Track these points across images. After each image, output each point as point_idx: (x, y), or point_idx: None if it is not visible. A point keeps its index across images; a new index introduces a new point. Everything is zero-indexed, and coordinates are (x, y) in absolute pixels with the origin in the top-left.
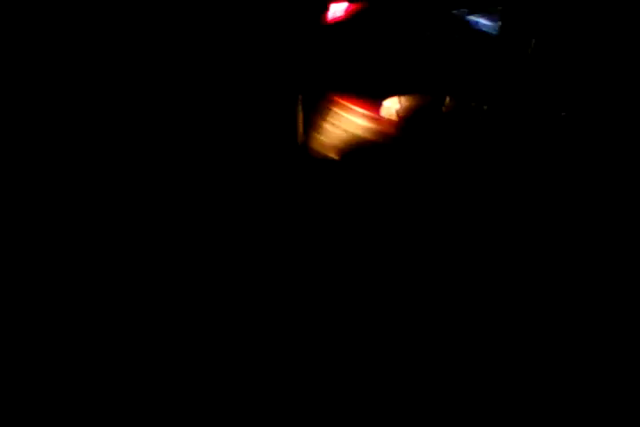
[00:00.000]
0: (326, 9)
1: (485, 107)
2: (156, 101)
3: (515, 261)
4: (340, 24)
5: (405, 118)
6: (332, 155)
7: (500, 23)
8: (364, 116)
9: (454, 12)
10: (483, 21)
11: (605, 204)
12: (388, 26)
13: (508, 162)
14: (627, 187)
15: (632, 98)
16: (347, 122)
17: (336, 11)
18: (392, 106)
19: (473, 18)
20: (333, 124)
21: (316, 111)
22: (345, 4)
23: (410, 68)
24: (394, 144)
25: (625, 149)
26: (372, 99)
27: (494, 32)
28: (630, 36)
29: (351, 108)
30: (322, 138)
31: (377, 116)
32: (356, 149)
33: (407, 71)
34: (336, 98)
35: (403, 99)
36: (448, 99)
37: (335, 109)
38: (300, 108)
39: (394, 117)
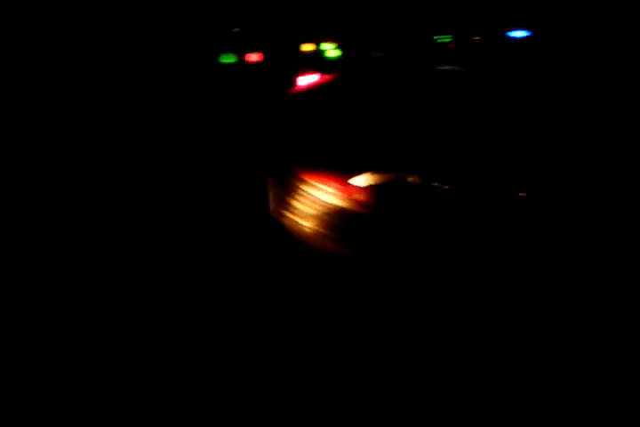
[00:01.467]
0: (293, 83)
1: (447, 187)
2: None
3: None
4: (306, 95)
5: (373, 189)
6: (307, 225)
7: None
8: (334, 187)
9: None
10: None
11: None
12: (357, 97)
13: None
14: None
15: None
16: (316, 196)
17: (305, 82)
18: (360, 181)
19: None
20: (302, 201)
21: (287, 186)
22: (316, 76)
23: (377, 141)
24: (363, 217)
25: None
26: (340, 173)
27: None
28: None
29: (322, 182)
30: (293, 213)
31: (345, 189)
32: (327, 222)
33: (374, 145)
34: (303, 175)
35: (370, 175)
36: (412, 177)
37: (302, 186)
38: (270, 186)
39: (362, 188)
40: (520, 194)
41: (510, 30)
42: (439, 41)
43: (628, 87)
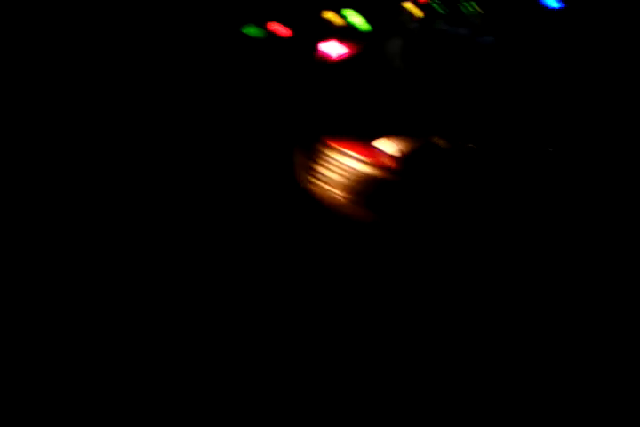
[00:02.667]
0: (317, 49)
1: (474, 146)
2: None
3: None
4: (333, 66)
5: (400, 156)
6: (334, 195)
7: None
8: (358, 157)
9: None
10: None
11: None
12: (380, 67)
13: (500, 194)
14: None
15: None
16: (344, 163)
17: (328, 50)
18: (386, 145)
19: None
20: (329, 167)
21: (314, 153)
22: (336, 44)
23: (400, 108)
24: (391, 179)
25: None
26: (366, 139)
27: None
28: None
29: (349, 149)
30: (320, 180)
31: (372, 156)
32: (356, 188)
33: (398, 111)
34: (330, 141)
35: (396, 139)
36: (438, 140)
37: (329, 153)
38: (297, 154)
39: (388, 155)
40: (548, 149)
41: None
42: (466, 10)
43: None
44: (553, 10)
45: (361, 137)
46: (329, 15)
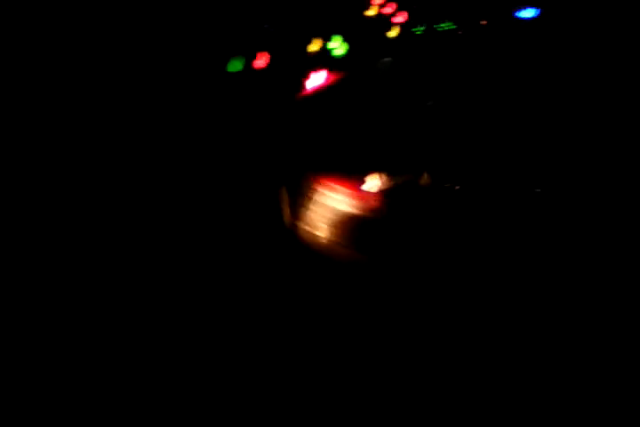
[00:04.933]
0: (301, 85)
1: (457, 187)
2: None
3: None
4: (316, 97)
5: (387, 192)
6: (321, 234)
7: None
8: (346, 193)
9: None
10: None
11: None
12: (367, 97)
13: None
14: None
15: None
16: (331, 201)
17: (313, 81)
18: (373, 182)
19: None
20: (318, 205)
21: (300, 193)
22: (324, 74)
23: (388, 144)
24: (378, 217)
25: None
26: (353, 175)
27: None
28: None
29: (334, 188)
30: (308, 223)
31: (358, 193)
32: (344, 226)
33: (386, 147)
34: (317, 179)
35: (383, 176)
36: (424, 177)
37: (318, 190)
38: (284, 194)
39: (375, 192)
40: (535, 190)
41: (518, 10)
42: (442, 29)
43: None
44: (527, 20)
45: (348, 173)
46: (311, 44)
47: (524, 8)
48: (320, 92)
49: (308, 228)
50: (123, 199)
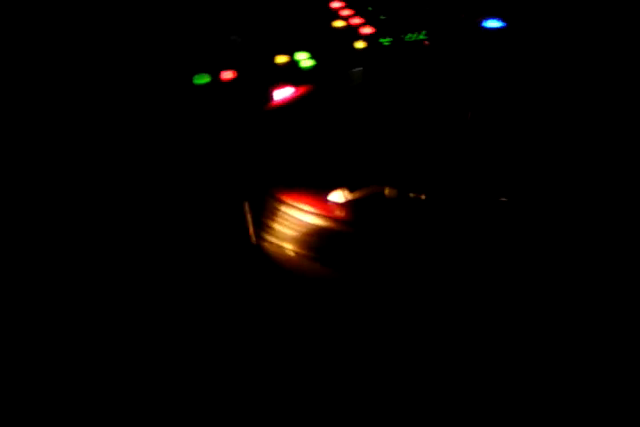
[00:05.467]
0: (269, 98)
1: (423, 197)
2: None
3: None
4: (281, 111)
5: (351, 205)
6: (288, 248)
7: None
8: (310, 209)
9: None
10: None
11: None
12: (332, 110)
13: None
14: None
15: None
16: (295, 216)
17: (280, 94)
18: (338, 197)
19: None
20: (282, 223)
21: (264, 210)
22: (290, 89)
23: (354, 156)
24: (343, 235)
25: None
26: (318, 190)
27: None
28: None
29: (297, 205)
30: (273, 236)
31: (324, 207)
32: (309, 243)
33: (351, 160)
34: (280, 195)
35: (347, 191)
36: (388, 190)
37: (281, 208)
38: (248, 210)
39: (340, 205)
40: (501, 199)
41: (484, 20)
42: (410, 39)
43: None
44: (493, 30)
45: (313, 187)
46: (276, 56)
47: (490, 18)
48: (287, 105)
49: (274, 242)
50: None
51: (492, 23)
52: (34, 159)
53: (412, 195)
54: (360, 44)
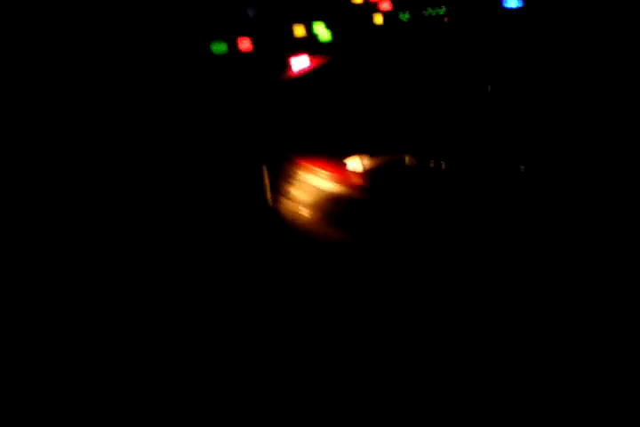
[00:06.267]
0: (287, 64)
1: (443, 163)
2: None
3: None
4: (300, 80)
5: (369, 172)
6: (303, 213)
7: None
8: (328, 175)
9: None
10: None
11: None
12: (351, 80)
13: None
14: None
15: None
16: (313, 182)
17: (298, 64)
18: (355, 164)
19: None
20: (299, 187)
21: (282, 175)
22: (306, 57)
23: (371, 126)
24: (360, 196)
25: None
26: (335, 157)
27: None
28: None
29: (318, 167)
30: (291, 200)
31: (341, 173)
32: (325, 208)
33: (368, 129)
34: (300, 160)
35: (365, 158)
36: (408, 158)
37: (299, 173)
38: (266, 174)
39: (358, 172)
40: (520, 167)
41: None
42: (431, 14)
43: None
44: (512, 10)
45: (330, 155)
46: (294, 28)
47: None
48: (305, 76)
49: (291, 206)
50: (104, 178)
51: (512, 3)
52: (52, 119)
53: (432, 164)
54: (379, 19)
